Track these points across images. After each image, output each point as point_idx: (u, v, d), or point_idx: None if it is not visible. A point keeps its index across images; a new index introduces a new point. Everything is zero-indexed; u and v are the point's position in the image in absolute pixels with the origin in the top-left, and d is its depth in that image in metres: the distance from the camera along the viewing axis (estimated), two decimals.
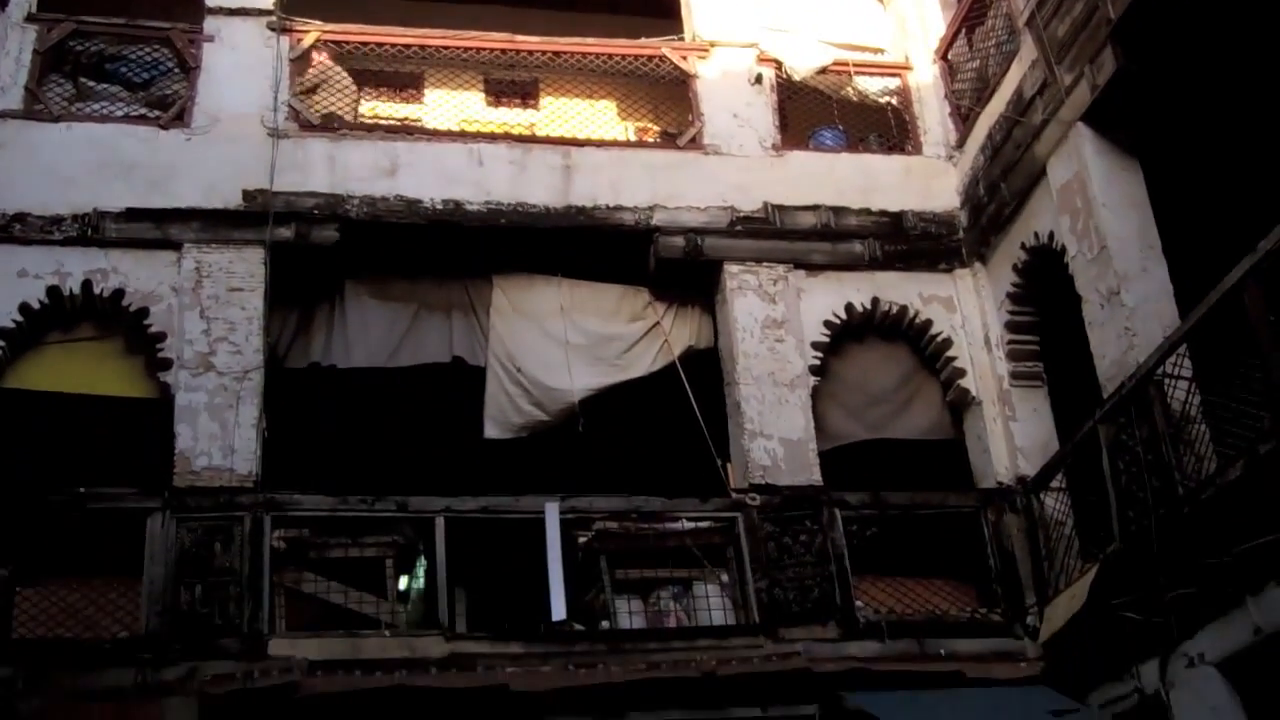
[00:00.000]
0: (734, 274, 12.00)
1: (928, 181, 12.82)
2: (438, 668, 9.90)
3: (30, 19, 11.96)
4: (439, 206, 11.74)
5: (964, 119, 12.78)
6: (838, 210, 12.42)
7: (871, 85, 13.65)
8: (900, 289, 12.29)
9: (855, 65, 13.58)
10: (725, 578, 10.91)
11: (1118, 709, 9.97)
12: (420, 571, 10.97)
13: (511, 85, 15.09)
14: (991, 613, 11.08)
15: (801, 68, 13.29)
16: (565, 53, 13.34)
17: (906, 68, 13.63)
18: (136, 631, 9.75)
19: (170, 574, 9.88)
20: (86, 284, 10.84)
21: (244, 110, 11.87)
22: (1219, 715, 8.96)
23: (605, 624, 10.62)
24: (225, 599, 9.87)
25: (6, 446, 10.71)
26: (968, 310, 12.25)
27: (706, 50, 13.24)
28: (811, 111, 13.63)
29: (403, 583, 11.04)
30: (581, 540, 10.86)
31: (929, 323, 12.20)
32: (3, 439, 10.86)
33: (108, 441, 11.33)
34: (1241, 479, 8.54)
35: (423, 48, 13.40)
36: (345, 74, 12.87)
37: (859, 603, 10.89)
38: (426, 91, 14.74)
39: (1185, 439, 9.41)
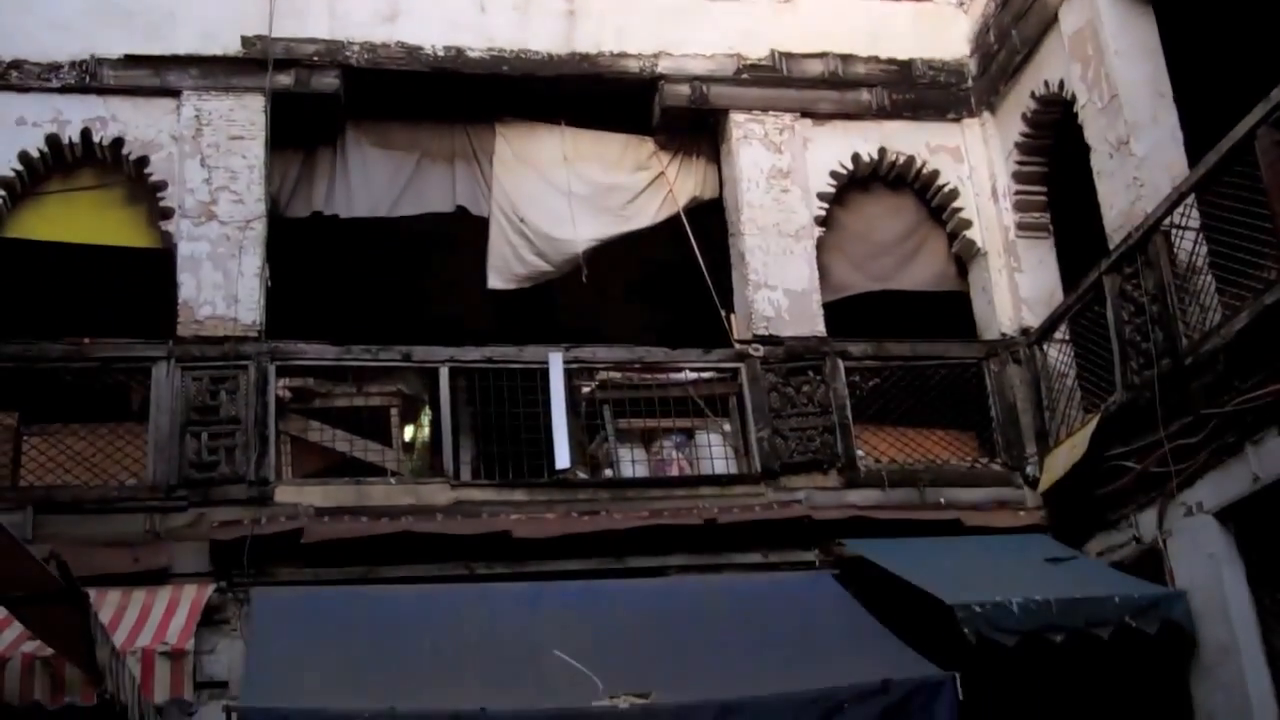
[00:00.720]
0: (740, 123, 11.85)
1: (937, 29, 12.56)
2: (443, 514, 10.03)
3: None
4: (440, 53, 11.55)
5: None
6: (846, 58, 12.22)
7: None
8: (908, 139, 12.14)
9: None
10: (727, 427, 10.99)
11: (1115, 557, 10.09)
12: (425, 421, 11.05)
13: None
14: (992, 462, 11.18)
15: None
16: None
17: None
18: (144, 479, 9.87)
19: (176, 423, 9.96)
20: (85, 132, 10.72)
21: None
22: (1216, 563, 9.08)
23: (608, 472, 10.74)
24: (231, 447, 9.97)
25: (8, 296, 10.70)
26: (975, 160, 12.12)
27: None
28: None
29: (408, 433, 11.14)
30: (585, 390, 10.93)
31: (936, 173, 12.08)
32: (4, 288, 10.88)
33: (110, 290, 11.36)
34: (1246, 330, 8.54)
35: None
36: None
37: (860, 452, 10.98)
38: None
39: (1191, 290, 9.39)
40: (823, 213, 11.75)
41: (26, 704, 7.75)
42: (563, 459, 10.42)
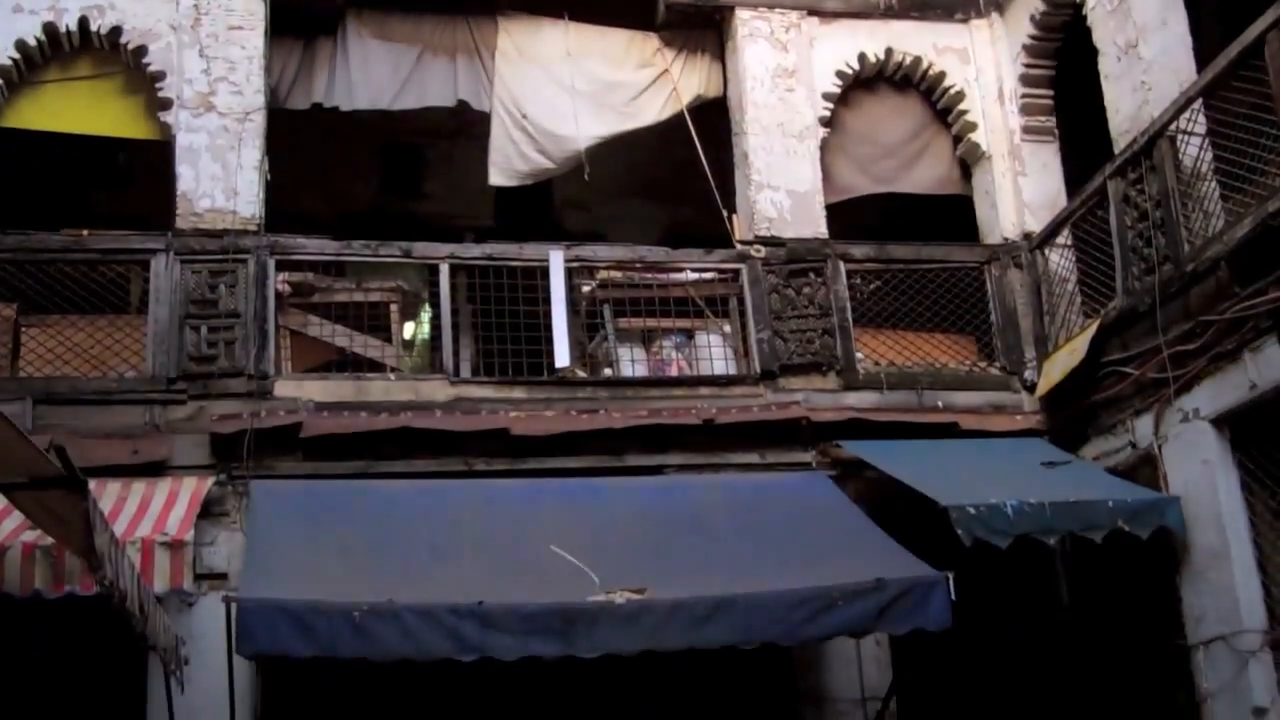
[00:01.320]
0: (745, 20, 11.69)
1: None
2: (442, 411, 10.06)
3: None
4: None
5: None
6: None
7: None
8: (915, 39, 11.97)
9: None
10: (727, 328, 10.99)
11: (1110, 462, 10.14)
12: (425, 318, 11.04)
13: None
14: (990, 367, 11.20)
15: None
16: None
17: None
18: (143, 372, 9.88)
19: (175, 315, 9.95)
20: (83, 21, 10.57)
21: None
22: (1210, 469, 9.13)
23: (608, 372, 10.77)
24: (231, 341, 9.97)
25: (6, 186, 10.62)
26: (982, 62, 11.97)
27: None
28: None
29: (407, 330, 11.14)
30: (585, 289, 10.91)
31: (942, 74, 11.94)
32: (2, 178, 10.80)
33: (108, 181, 11.29)
34: (1248, 237, 8.51)
35: None
36: None
37: (859, 355, 10.99)
38: None
39: (1194, 196, 9.35)
40: (827, 113, 11.64)
41: (27, 593, 7.83)
42: (562, 357, 10.44)
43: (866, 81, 12.00)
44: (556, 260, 10.67)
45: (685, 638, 7.65)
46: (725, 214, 11.38)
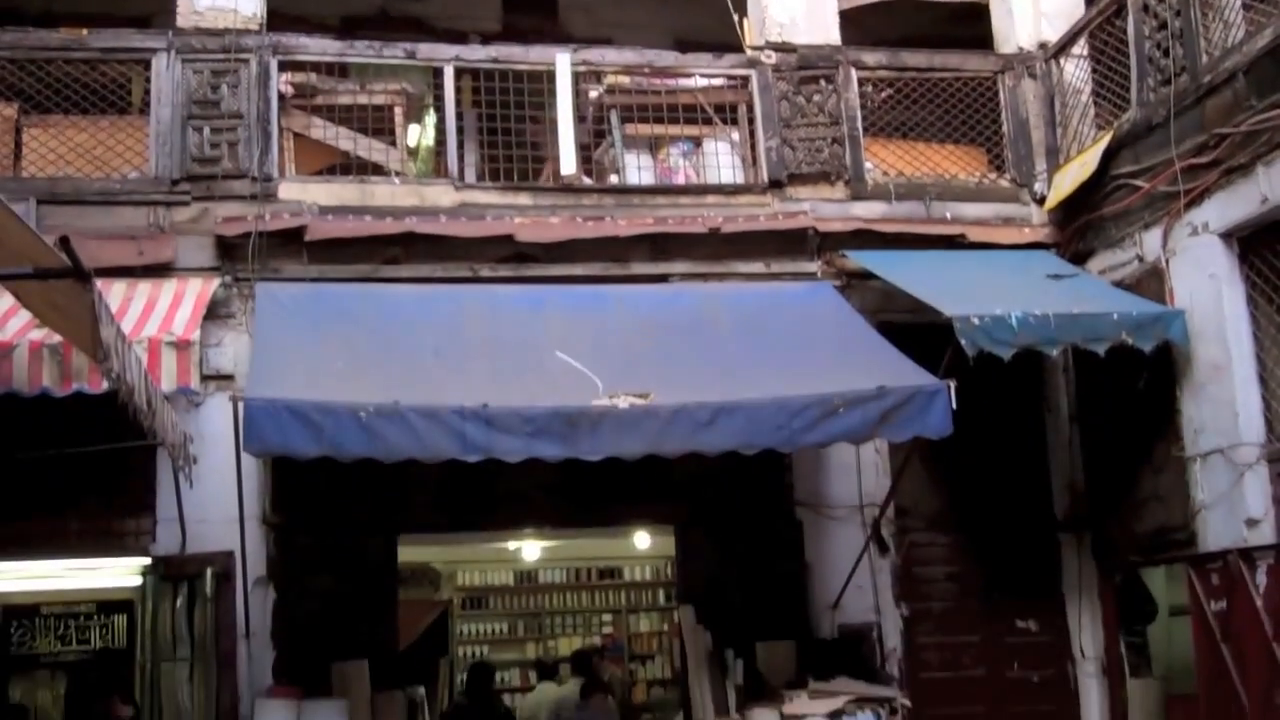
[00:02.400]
0: None
1: None
2: (447, 216, 10.01)
3: None
4: None
5: None
6: None
7: None
8: None
9: None
10: (736, 136, 10.85)
11: (1117, 276, 10.12)
12: (429, 124, 10.88)
13: None
14: (1000, 178, 11.09)
15: None
16: None
17: None
18: (146, 173, 9.81)
19: (178, 116, 9.85)
20: None
21: None
22: (1216, 283, 9.11)
23: (614, 179, 10.66)
24: (234, 142, 9.88)
25: None
26: None
27: None
28: None
29: (412, 137, 10.98)
30: (592, 94, 10.75)
31: None
32: None
33: None
34: (1268, 48, 8.35)
35: None
36: None
37: (868, 165, 10.88)
38: None
39: (1215, 6, 9.16)
40: None
41: (35, 390, 7.91)
42: (568, 164, 10.33)
43: None
44: (563, 64, 10.48)
45: (687, 442, 7.72)
46: (736, 18, 11.14)
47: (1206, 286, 9.19)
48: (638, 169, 10.72)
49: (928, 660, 10.41)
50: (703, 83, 10.87)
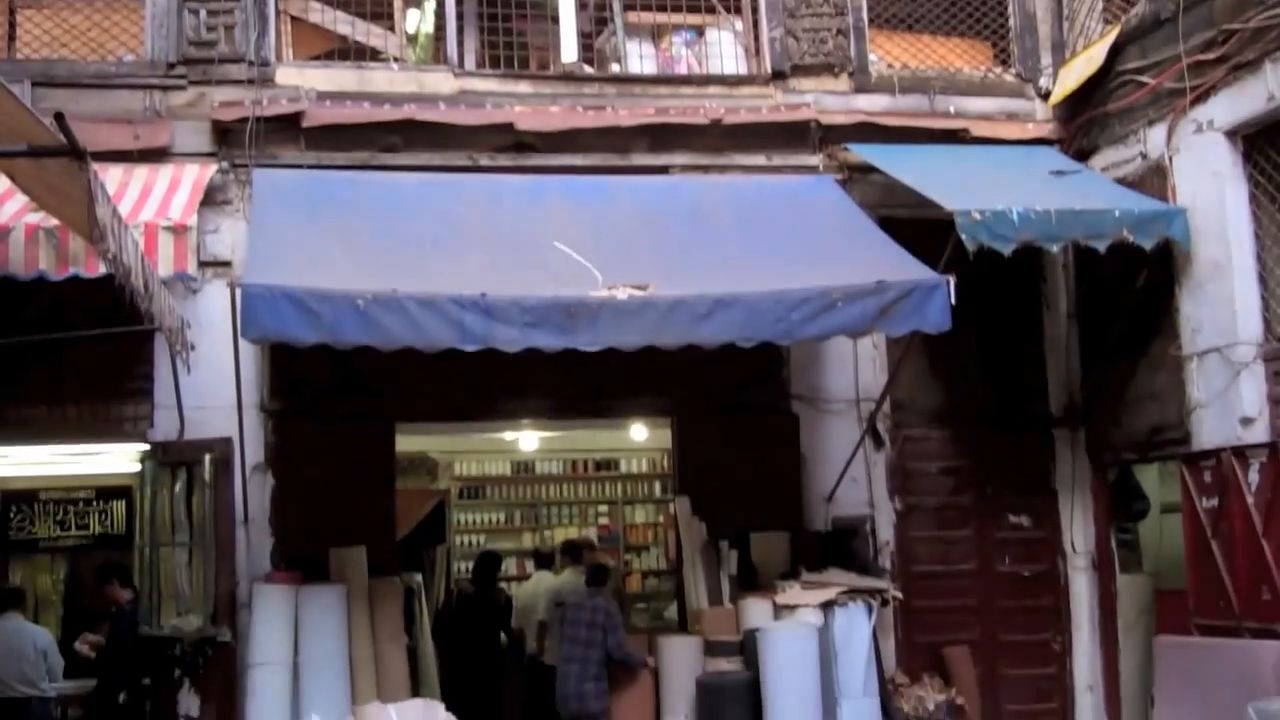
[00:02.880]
0: None
1: None
2: (446, 103, 9.91)
3: None
4: None
5: None
6: None
7: None
8: None
9: None
10: (739, 25, 10.72)
11: (1120, 173, 10.05)
12: (429, 10, 10.73)
13: None
14: (1005, 72, 10.97)
15: None
16: None
17: None
18: (142, 56, 9.71)
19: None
20: None
21: None
22: (1220, 180, 9.07)
23: (615, 68, 10.54)
24: (231, 25, 9.75)
25: None
26: None
27: None
28: None
29: (411, 23, 10.83)
30: None
31: None
32: None
33: None
34: None
35: None
36: None
37: (873, 56, 10.76)
38: None
39: None
40: None
41: (31, 273, 7.88)
42: (569, 52, 10.21)
43: None
44: None
45: (685, 334, 7.73)
46: None
47: (1209, 184, 9.14)
48: (639, 58, 10.59)
49: (920, 554, 10.51)
50: None
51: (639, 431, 12.77)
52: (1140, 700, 10.23)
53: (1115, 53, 9.90)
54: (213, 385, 9.02)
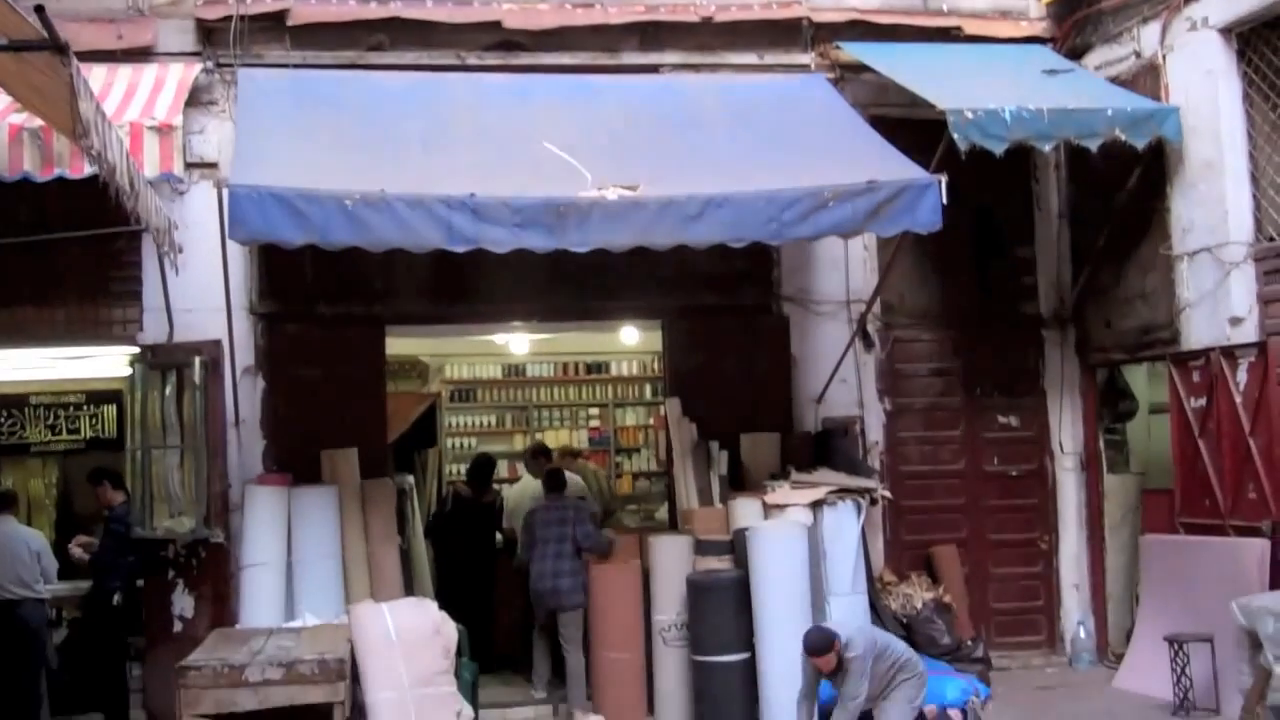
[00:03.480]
0: None
1: None
2: (433, 1, 9.78)
3: None
4: None
5: None
6: None
7: None
8: None
9: None
10: None
11: (1112, 72, 9.97)
12: None
13: None
14: None
15: None
16: None
17: None
18: None
19: None
20: None
21: None
22: (1213, 79, 9.02)
23: None
24: None
25: None
26: None
27: None
28: None
29: None
30: None
31: None
32: None
33: None
34: None
35: None
36: None
37: None
38: None
39: None
40: None
41: (15, 174, 7.81)
42: None
43: None
44: None
45: (675, 235, 7.68)
46: None
47: (1203, 83, 9.08)
48: None
49: (908, 454, 10.59)
50: None
51: (630, 334, 12.77)
52: (1125, 598, 10.39)
53: None
54: (202, 288, 9.00)
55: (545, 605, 9.34)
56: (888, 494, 9.85)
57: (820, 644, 7.29)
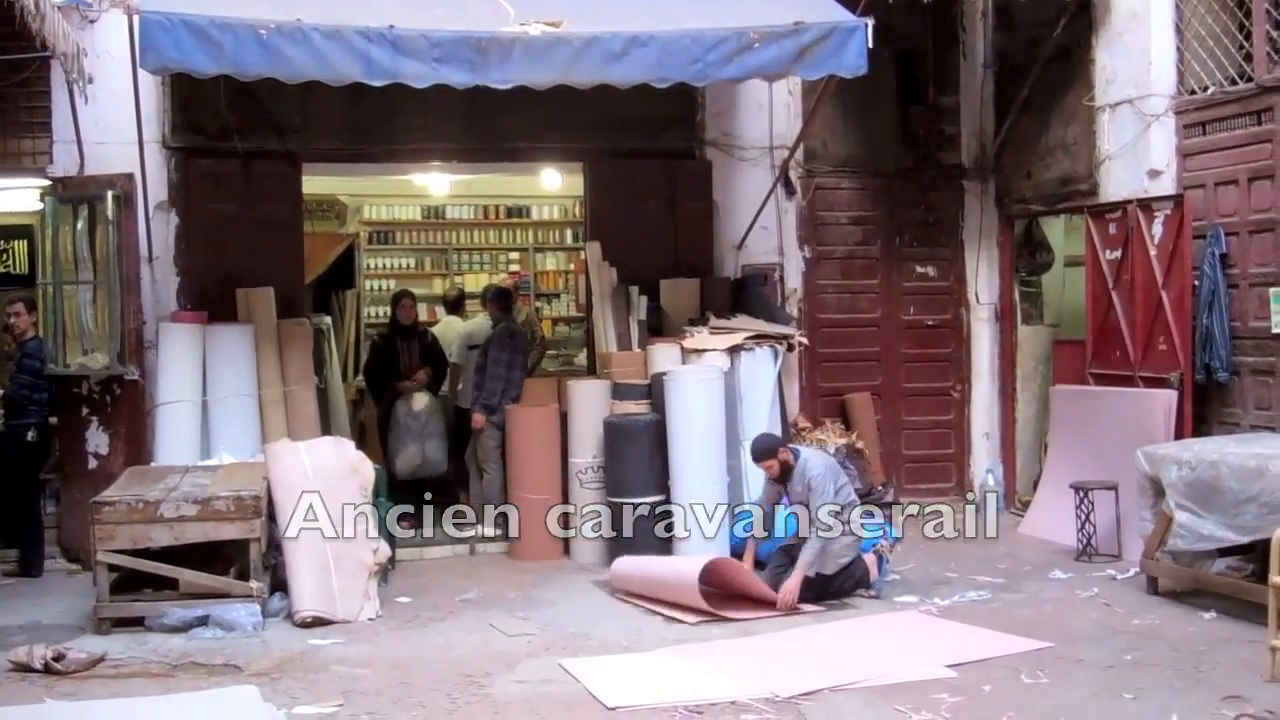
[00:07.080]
0: None
1: None
2: None
3: None
4: None
5: None
6: None
7: None
8: None
9: None
10: None
11: None
12: None
13: None
14: None
15: None
16: None
17: None
18: None
19: None
20: None
21: None
22: None
23: None
24: None
25: None
26: None
27: None
28: None
29: None
30: None
31: None
32: None
33: None
34: None
35: None
36: None
37: None
38: None
39: None
40: None
41: None
42: None
43: None
44: None
45: (598, 73, 7.58)
46: None
47: None
48: None
49: (827, 302, 10.66)
50: None
51: (551, 177, 12.64)
52: (1034, 447, 10.62)
53: None
54: (113, 120, 8.80)
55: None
56: (805, 341, 9.91)
57: (761, 448, 7.63)
